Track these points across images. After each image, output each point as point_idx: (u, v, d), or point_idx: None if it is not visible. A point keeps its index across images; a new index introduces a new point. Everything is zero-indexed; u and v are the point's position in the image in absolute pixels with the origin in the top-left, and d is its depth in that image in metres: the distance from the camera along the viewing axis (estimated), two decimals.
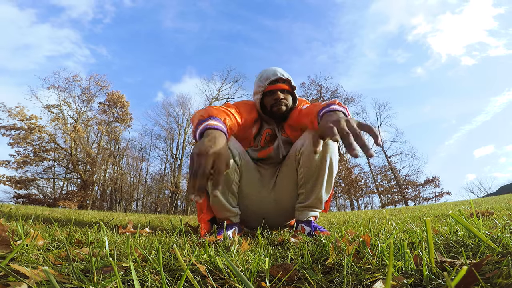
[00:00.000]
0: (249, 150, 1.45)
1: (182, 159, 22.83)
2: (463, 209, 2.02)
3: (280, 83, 1.40)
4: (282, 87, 1.40)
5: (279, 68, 1.45)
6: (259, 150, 1.44)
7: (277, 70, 1.42)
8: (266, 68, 1.47)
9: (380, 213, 3.40)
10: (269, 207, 1.39)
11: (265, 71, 1.44)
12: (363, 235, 0.73)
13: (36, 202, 16.32)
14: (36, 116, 16.89)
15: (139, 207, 23.28)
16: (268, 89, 1.39)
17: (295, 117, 1.40)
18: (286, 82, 1.42)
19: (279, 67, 1.46)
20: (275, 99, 1.39)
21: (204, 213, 1.35)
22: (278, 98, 1.38)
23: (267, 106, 1.42)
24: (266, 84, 1.39)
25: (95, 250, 0.66)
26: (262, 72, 1.45)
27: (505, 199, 3.83)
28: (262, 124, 1.49)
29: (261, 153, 1.44)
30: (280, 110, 1.39)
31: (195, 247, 0.76)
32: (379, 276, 0.54)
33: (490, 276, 0.46)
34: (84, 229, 1.24)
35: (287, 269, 0.56)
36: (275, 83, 1.40)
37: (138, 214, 5.37)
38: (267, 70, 1.44)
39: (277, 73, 1.40)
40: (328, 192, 1.32)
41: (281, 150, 1.42)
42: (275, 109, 1.40)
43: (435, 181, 21.28)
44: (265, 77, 1.41)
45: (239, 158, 1.30)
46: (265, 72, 1.43)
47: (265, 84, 1.39)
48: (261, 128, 1.48)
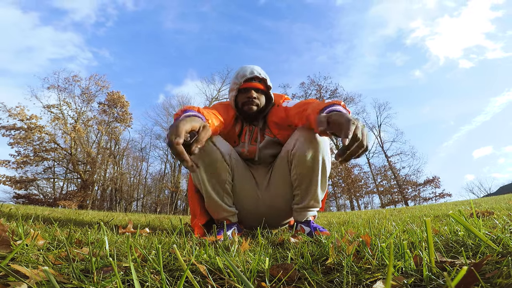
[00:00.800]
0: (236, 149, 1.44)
1: None
2: (463, 209, 2.02)
3: (256, 81, 1.40)
4: (257, 86, 1.39)
5: (257, 66, 1.44)
6: (242, 147, 1.43)
7: (254, 68, 1.41)
8: (244, 66, 1.45)
9: (380, 213, 3.40)
10: (264, 207, 1.39)
11: (241, 69, 1.43)
12: (363, 235, 0.73)
13: (36, 202, 16.32)
14: (36, 116, 16.88)
15: (139, 207, 23.29)
16: (242, 86, 1.39)
17: (281, 114, 1.39)
18: (261, 81, 1.41)
19: (257, 66, 1.45)
20: (247, 97, 1.38)
21: (198, 218, 1.35)
22: (251, 97, 1.37)
23: (239, 103, 1.42)
24: (241, 81, 1.38)
25: (95, 250, 0.66)
26: (239, 69, 1.43)
27: (505, 199, 3.83)
28: (243, 122, 1.49)
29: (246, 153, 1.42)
30: (251, 109, 1.39)
31: (195, 247, 0.76)
32: (379, 276, 0.54)
33: (490, 276, 0.46)
34: (84, 229, 1.24)
35: (287, 269, 0.56)
36: (250, 81, 1.39)
37: (138, 214, 5.37)
38: (244, 68, 1.42)
39: (254, 71, 1.38)
40: (324, 190, 1.31)
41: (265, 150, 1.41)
42: (245, 107, 1.40)
43: (435, 181, 21.30)
44: (241, 74, 1.40)
45: (229, 157, 1.30)
46: (242, 70, 1.41)
47: (240, 81, 1.38)
48: (243, 126, 1.48)
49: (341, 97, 22.81)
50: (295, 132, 1.30)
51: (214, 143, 1.24)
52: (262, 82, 1.41)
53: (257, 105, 1.40)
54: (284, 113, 1.38)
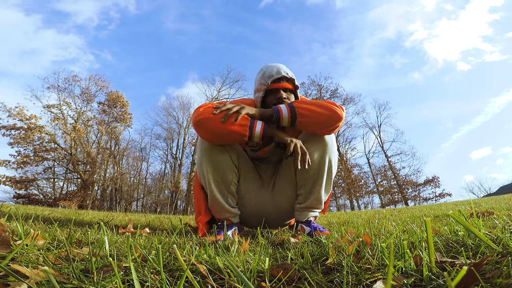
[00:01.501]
0: (248, 150, 1.44)
1: (182, 159, 22.84)
2: (463, 209, 2.02)
3: (284, 81, 1.33)
4: (286, 86, 1.32)
5: (283, 65, 1.38)
6: (258, 149, 1.41)
7: (281, 67, 1.34)
8: (269, 65, 1.39)
9: (380, 213, 3.40)
10: (269, 208, 1.39)
11: (267, 68, 1.36)
12: (363, 235, 0.73)
13: (36, 202, 16.31)
14: (36, 116, 16.88)
15: (139, 207, 23.28)
16: (271, 87, 1.32)
17: None
18: (289, 81, 1.35)
19: (282, 64, 1.38)
20: (277, 98, 1.31)
21: (202, 215, 1.35)
22: (281, 98, 1.31)
23: (269, 105, 1.35)
24: (269, 82, 1.30)
25: (95, 250, 0.66)
26: (265, 68, 1.37)
27: (505, 199, 3.83)
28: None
29: (259, 152, 1.42)
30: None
31: (195, 247, 0.76)
32: (379, 276, 0.53)
33: (490, 276, 0.46)
34: (84, 229, 1.24)
35: (287, 269, 0.56)
36: (278, 82, 1.32)
37: (138, 214, 5.36)
38: (270, 67, 1.36)
39: (281, 71, 1.32)
40: (328, 192, 1.32)
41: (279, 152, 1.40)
42: None
43: (435, 181, 21.28)
44: (268, 74, 1.32)
45: (237, 158, 1.30)
46: (268, 69, 1.35)
47: (268, 82, 1.31)
48: None
49: (341, 97, 22.84)
50: (303, 133, 1.30)
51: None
52: (290, 81, 1.35)
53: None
54: None
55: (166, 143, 24.03)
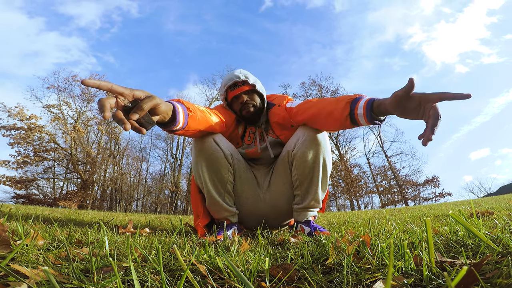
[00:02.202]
0: (239, 150, 1.45)
1: (182, 159, 22.84)
2: (463, 209, 2.02)
3: (239, 86, 1.36)
4: (242, 89, 1.35)
5: (237, 70, 1.40)
6: (245, 148, 1.44)
7: (233, 73, 1.37)
8: (224, 76, 1.44)
9: (380, 213, 3.40)
10: (265, 207, 1.39)
11: (223, 79, 1.41)
12: (363, 235, 0.73)
13: (36, 202, 16.30)
14: (36, 116, 16.87)
15: (139, 207, 23.28)
16: (229, 97, 1.37)
17: (283, 115, 1.39)
18: (244, 83, 1.37)
19: (237, 69, 1.40)
20: (240, 103, 1.36)
21: (201, 218, 1.35)
22: (243, 102, 1.35)
23: (237, 112, 1.41)
24: (224, 92, 1.38)
25: (95, 250, 0.66)
26: (223, 80, 1.42)
27: (505, 199, 3.83)
28: (246, 123, 1.49)
29: (248, 151, 1.43)
30: (249, 112, 1.37)
31: (195, 247, 0.76)
32: (379, 276, 0.54)
33: (490, 276, 0.46)
34: (84, 229, 1.24)
35: (287, 269, 0.56)
36: (234, 88, 1.36)
37: (138, 214, 5.37)
38: (225, 78, 1.41)
39: (233, 77, 1.35)
40: (324, 190, 1.32)
41: (270, 151, 1.42)
42: (244, 112, 1.38)
43: (435, 181, 21.28)
44: (223, 85, 1.39)
45: (231, 157, 1.30)
46: (224, 80, 1.40)
47: (224, 93, 1.38)
48: (246, 127, 1.48)
49: None
50: (296, 132, 1.30)
51: (216, 142, 1.25)
52: (246, 83, 1.37)
53: (253, 106, 1.38)
54: (287, 113, 1.38)
55: (166, 143, 24.04)
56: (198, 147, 1.24)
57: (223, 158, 1.25)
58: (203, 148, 1.23)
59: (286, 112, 1.39)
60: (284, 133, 1.42)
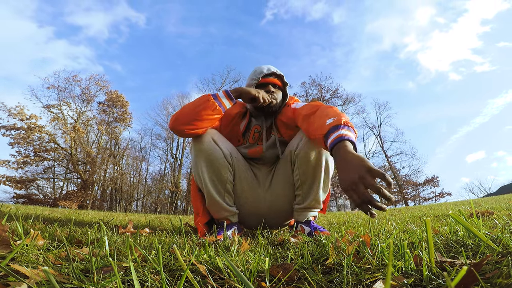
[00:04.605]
0: (239, 148, 1.44)
1: (182, 159, 22.84)
2: (463, 209, 2.02)
3: (273, 77, 1.43)
4: (274, 82, 1.42)
5: (273, 66, 1.48)
6: (248, 147, 1.43)
7: (270, 66, 1.45)
8: (260, 65, 1.49)
9: (380, 213, 3.40)
10: (266, 207, 1.39)
11: (258, 67, 1.46)
12: (363, 235, 0.73)
13: (36, 202, 16.31)
14: (36, 116, 16.87)
15: (139, 207, 23.27)
16: (261, 82, 1.41)
17: (289, 114, 1.39)
18: (278, 77, 1.44)
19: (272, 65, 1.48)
20: (266, 91, 1.39)
21: (201, 216, 1.35)
22: (269, 91, 1.39)
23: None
24: (259, 77, 1.40)
25: (95, 250, 0.66)
26: (256, 68, 1.47)
27: (505, 199, 3.83)
28: (250, 120, 1.48)
29: (251, 151, 1.42)
30: (271, 103, 1.39)
31: (195, 247, 0.76)
32: (379, 276, 0.53)
33: (490, 276, 0.46)
34: (84, 229, 1.24)
35: (287, 269, 0.56)
36: (268, 77, 1.42)
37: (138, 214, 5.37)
38: (260, 67, 1.46)
39: (271, 68, 1.43)
40: (326, 191, 1.31)
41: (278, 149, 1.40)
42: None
43: (435, 181, 21.29)
44: (258, 71, 1.43)
45: (231, 157, 1.30)
46: (259, 68, 1.45)
47: (258, 77, 1.40)
48: (249, 124, 1.47)
49: (342, 97, 22.79)
50: (299, 132, 1.30)
51: (216, 142, 1.24)
52: (279, 78, 1.44)
53: (275, 99, 1.40)
54: (292, 114, 1.38)
55: (166, 143, 24.04)
56: (197, 147, 1.24)
57: (223, 158, 1.25)
58: (202, 148, 1.23)
59: (291, 112, 1.39)
60: (288, 132, 1.41)
